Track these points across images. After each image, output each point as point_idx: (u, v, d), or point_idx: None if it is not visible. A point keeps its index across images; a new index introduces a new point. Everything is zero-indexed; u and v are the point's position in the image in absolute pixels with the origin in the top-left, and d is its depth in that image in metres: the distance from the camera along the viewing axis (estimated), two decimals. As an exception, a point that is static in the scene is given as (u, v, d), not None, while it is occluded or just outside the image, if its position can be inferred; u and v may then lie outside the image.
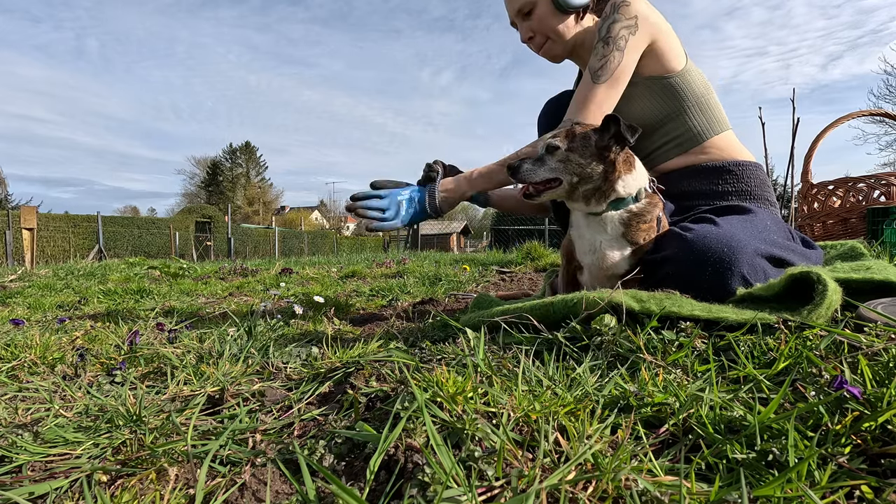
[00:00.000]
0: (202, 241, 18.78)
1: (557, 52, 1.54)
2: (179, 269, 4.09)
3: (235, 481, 0.60)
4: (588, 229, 1.19)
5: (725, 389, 0.67)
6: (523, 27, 1.54)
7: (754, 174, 1.42)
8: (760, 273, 1.06)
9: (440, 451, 0.53)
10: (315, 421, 0.76)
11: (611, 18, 1.36)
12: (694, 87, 1.41)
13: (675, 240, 1.12)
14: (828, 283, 0.89)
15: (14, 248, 11.65)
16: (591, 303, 0.95)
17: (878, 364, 0.65)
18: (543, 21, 1.49)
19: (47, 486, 0.59)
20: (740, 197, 1.39)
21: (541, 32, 1.51)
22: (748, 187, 1.39)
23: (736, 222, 1.14)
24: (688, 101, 1.40)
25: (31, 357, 1.13)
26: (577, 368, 0.77)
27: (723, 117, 1.44)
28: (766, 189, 1.42)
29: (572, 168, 1.12)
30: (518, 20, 1.55)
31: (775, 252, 1.11)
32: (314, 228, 40.36)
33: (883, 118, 4.71)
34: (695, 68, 1.43)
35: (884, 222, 2.17)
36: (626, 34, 1.33)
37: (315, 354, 1.08)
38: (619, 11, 1.35)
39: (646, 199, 1.16)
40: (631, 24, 1.34)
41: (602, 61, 1.33)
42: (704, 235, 1.07)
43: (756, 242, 1.08)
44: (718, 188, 1.40)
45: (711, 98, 1.43)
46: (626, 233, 1.15)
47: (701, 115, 1.41)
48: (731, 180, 1.40)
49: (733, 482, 0.49)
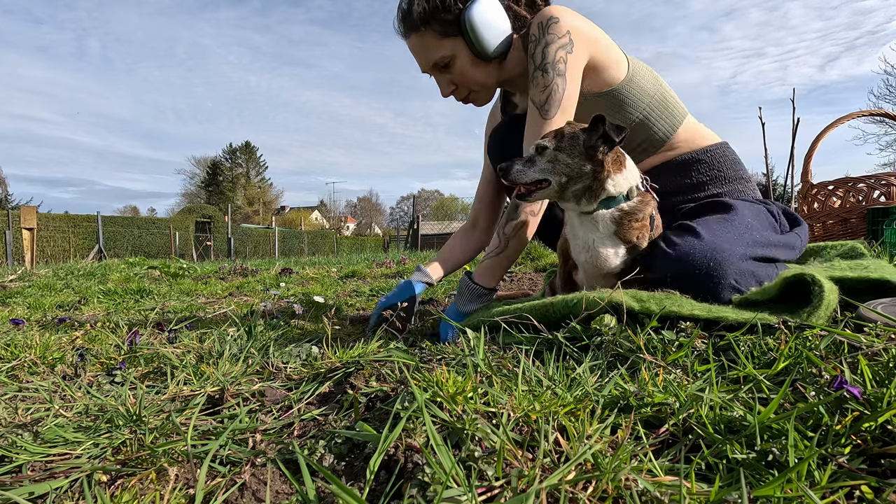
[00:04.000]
0: (202, 241, 18.77)
1: (484, 100, 1.45)
2: (179, 269, 4.09)
3: (235, 481, 0.60)
4: (581, 228, 1.19)
5: (725, 389, 0.67)
6: (442, 80, 1.39)
7: (724, 156, 1.41)
8: (749, 277, 1.05)
9: (440, 451, 0.53)
10: (315, 421, 0.76)
11: (543, 41, 1.25)
12: (645, 89, 1.36)
13: (659, 258, 1.10)
14: (823, 284, 0.89)
15: (14, 248, 11.65)
16: (591, 303, 0.95)
17: (878, 364, 0.65)
18: (465, 74, 1.35)
19: (47, 486, 0.58)
20: (716, 183, 1.38)
21: (463, 85, 1.38)
22: (721, 172, 1.39)
23: (718, 228, 1.11)
24: (643, 107, 1.35)
25: (31, 357, 1.13)
26: (577, 368, 0.77)
27: (680, 108, 1.41)
28: (738, 167, 1.42)
29: (561, 168, 1.11)
30: (434, 73, 1.39)
31: (760, 252, 1.11)
32: (314, 228, 40.37)
33: (883, 118, 4.71)
34: (640, 67, 1.38)
35: (884, 222, 2.17)
36: (563, 55, 1.24)
37: (315, 354, 1.08)
38: (549, 31, 1.25)
39: (637, 197, 1.15)
40: (565, 41, 1.24)
41: (545, 93, 1.24)
42: (688, 252, 1.05)
43: (740, 247, 1.07)
44: (693, 180, 1.40)
45: (665, 92, 1.39)
46: (618, 231, 1.15)
47: (660, 116, 1.38)
48: (704, 169, 1.39)
49: (733, 482, 0.49)
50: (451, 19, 1.29)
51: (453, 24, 1.29)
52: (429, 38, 1.32)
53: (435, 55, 1.33)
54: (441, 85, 1.40)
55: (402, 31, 1.37)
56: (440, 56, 1.33)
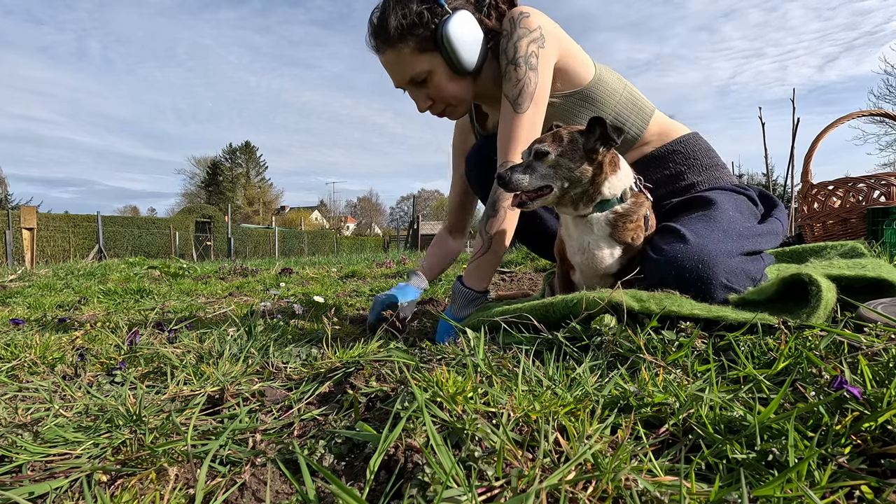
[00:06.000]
0: (202, 241, 18.77)
1: (460, 113, 1.44)
2: (179, 268, 4.09)
3: (235, 481, 0.60)
4: (576, 230, 1.18)
5: (725, 389, 0.67)
6: (419, 95, 1.37)
7: (697, 144, 1.43)
8: (740, 273, 1.06)
9: (440, 451, 0.53)
10: (315, 421, 0.76)
11: (514, 35, 1.26)
12: (614, 88, 1.37)
13: (649, 263, 1.11)
14: (821, 284, 0.89)
15: (14, 248, 11.65)
16: (591, 303, 0.95)
17: (878, 364, 0.65)
18: (442, 89, 1.34)
19: (47, 486, 0.58)
20: (693, 171, 1.40)
21: (440, 100, 1.37)
22: (697, 160, 1.41)
23: (702, 229, 1.12)
24: (613, 104, 1.37)
25: (31, 357, 1.13)
26: (577, 368, 0.77)
27: (648, 104, 1.43)
28: (712, 155, 1.44)
29: (563, 173, 1.09)
30: (409, 88, 1.37)
31: (747, 246, 1.12)
32: (314, 228, 40.37)
33: (883, 118, 4.71)
34: (605, 69, 1.40)
35: (884, 222, 2.17)
36: (534, 49, 1.25)
37: (315, 354, 1.08)
38: (521, 25, 1.26)
39: (631, 199, 1.15)
40: (536, 36, 1.25)
41: (518, 87, 1.25)
42: (676, 256, 1.06)
43: (726, 244, 1.08)
44: (670, 171, 1.41)
45: (632, 90, 1.41)
46: (613, 233, 1.14)
47: (631, 113, 1.39)
48: (679, 160, 1.41)
49: (733, 482, 0.49)
50: (427, 35, 1.27)
51: (430, 39, 1.28)
52: (405, 53, 1.30)
53: (412, 71, 1.32)
54: (417, 100, 1.38)
55: (375, 45, 1.34)
56: (417, 71, 1.31)
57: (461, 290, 1.35)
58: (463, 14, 1.27)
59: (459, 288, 1.36)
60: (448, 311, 1.42)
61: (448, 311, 1.42)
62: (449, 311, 1.41)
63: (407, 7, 1.27)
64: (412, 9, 1.27)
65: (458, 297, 1.35)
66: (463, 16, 1.27)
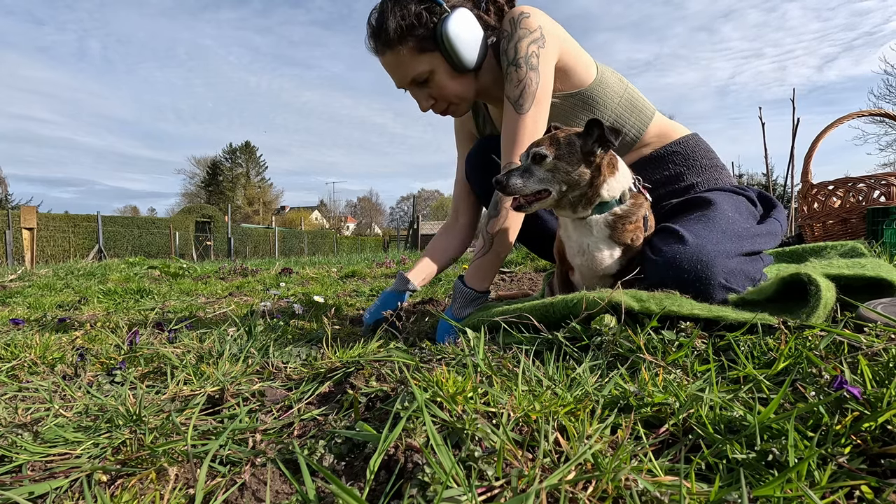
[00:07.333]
0: (202, 241, 18.76)
1: (463, 111, 1.44)
2: (179, 268, 4.09)
3: (235, 481, 0.60)
4: (575, 232, 1.18)
5: (725, 389, 0.67)
6: (420, 94, 1.37)
7: (696, 146, 1.44)
8: (739, 274, 1.06)
9: (440, 451, 0.53)
10: (315, 421, 0.76)
11: (515, 36, 1.26)
12: (614, 90, 1.37)
13: (647, 265, 1.11)
14: (820, 283, 0.89)
15: (14, 248, 11.64)
16: (591, 303, 0.95)
17: (878, 364, 0.65)
18: (444, 88, 1.34)
19: (47, 486, 0.58)
20: (692, 172, 1.41)
21: (442, 99, 1.37)
22: (696, 161, 1.42)
23: (700, 229, 1.12)
24: (613, 106, 1.37)
25: (31, 357, 1.13)
26: (577, 368, 0.77)
27: (648, 105, 1.43)
28: (711, 156, 1.45)
29: (561, 176, 1.09)
30: (411, 88, 1.38)
31: (746, 246, 1.12)
32: (314, 228, 40.37)
33: (883, 118, 4.71)
34: (607, 70, 1.40)
35: (884, 222, 2.17)
36: (535, 49, 1.25)
37: (315, 354, 1.08)
38: (521, 26, 1.26)
39: (630, 200, 1.14)
40: (537, 36, 1.25)
41: (520, 88, 1.25)
42: (674, 257, 1.06)
43: (725, 245, 1.08)
44: (670, 171, 1.42)
45: (632, 92, 1.41)
46: (612, 235, 1.14)
47: (630, 115, 1.39)
48: (679, 160, 1.42)
49: (733, 482, 0.49)
50: (426, 34, 1.27)
51: (429, 38, 1.28)
52: (405, 54, 1.30)
53: (413, 71, 1.32)
54: (419, 100, 1.38)
55: (375, 48, 1.34)
56: (418, 72, 1.31)
57: (462, 289, 1.35)
58: (462, 12, 1.27)
59: (460, 287, 1.36)
60: (448, 311, 1.42)
61: (448, 311, 1.42)
62: (449, 311, 1.41)
63: (405, 8, 1.27)
64: (410, 10, 1.26)
65: (459, 296, 1.35)
66: (462, 13, 1.27)
